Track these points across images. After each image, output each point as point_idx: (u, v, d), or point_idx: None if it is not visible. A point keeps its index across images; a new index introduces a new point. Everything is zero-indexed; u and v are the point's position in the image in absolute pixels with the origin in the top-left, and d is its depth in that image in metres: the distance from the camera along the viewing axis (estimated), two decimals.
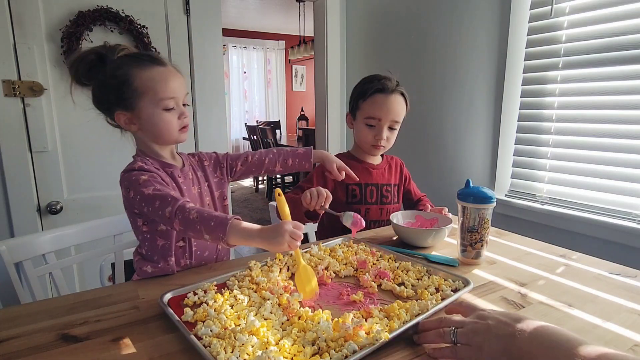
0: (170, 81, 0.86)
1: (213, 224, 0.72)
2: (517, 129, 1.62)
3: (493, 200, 0.90)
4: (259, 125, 5.25)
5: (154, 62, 0.86)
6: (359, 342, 0.57)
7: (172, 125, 0.87)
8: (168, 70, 0.87)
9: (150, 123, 0.86)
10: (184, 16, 1.71)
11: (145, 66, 0.84)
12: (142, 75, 0.83)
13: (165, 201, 0.77)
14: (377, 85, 1.20)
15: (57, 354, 0.59)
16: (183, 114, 0.89)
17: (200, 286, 0.76)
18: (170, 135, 0.89)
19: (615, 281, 0.84)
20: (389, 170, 1.34)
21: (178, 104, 0.88)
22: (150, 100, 0.84)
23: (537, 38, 1.51)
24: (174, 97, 0.86)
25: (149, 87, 0.84)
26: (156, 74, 0.85)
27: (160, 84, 0.84)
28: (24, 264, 0.93)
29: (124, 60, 0.85)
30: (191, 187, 0.95)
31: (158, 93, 0.84)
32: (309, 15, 4.75)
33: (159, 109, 0.85)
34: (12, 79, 1.40)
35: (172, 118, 0.87)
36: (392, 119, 1.21)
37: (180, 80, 0.88)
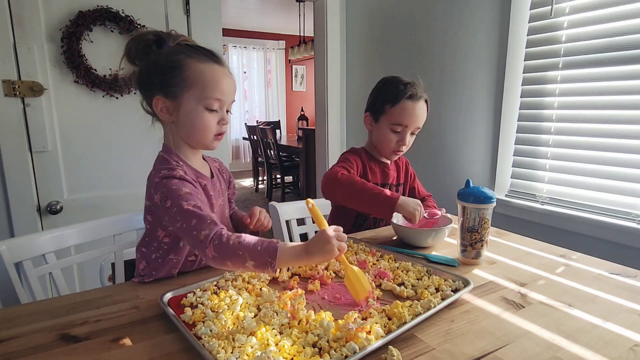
0: (223, 81, 0.81)
1: (260, 248, 0.67)
2: (517, 129, 1.62)
3: (493, 200, 0.90)
4: (259, 125, 5.24)
5: (213, 58, 0.82)
6: (360, 343, 0.57)
7: (210, 128, 0.83)
8: (223, 70, 0.82)
9: (188, 119, 0.81)
10: (184, 16, 1.71)
11: (202, 59, 0.80)
12: (197, 67, 0.79)
13: (203, 222, 0.71)
14: (408, 92, 1.19)
15: (57, 354, 0.59)
16: (223, 119, 0.84)
17: (200, 286, 0.76)
18: (204, 138, 0.84)
19: (615, 281, 0.84)
20: (397, 169, 1.35)
21: (222, 108, 0.83)
22: (195, 95, 0.79)
23: (537, 38, 1.51)
24: (220, 99, 0.81)
25: (199, 81, 0.79)
26: (211, 70, 0.80)
27: (211, 80, 0.80)
28: (24, 264, 0.93)
29: (183, 48, 0.82)
30: (219, 199, 0.91)
31: (206, 89, 0.79)
32: (309, 15, 4.74)
33: (201, 106, 0.80)
34: (12, 79, 1.40)
35: (212, 120, 0.82)
36: (416, 125, 1.22)
37: (232, 84, 0.84)
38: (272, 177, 4.92)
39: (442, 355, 0.58)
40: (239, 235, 0.69)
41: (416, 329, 0.64)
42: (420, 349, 0.60)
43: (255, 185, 5.58)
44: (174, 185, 0.76)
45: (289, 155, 4.87)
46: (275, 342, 0.58)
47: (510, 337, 0.63)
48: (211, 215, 0.73)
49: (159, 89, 0.80)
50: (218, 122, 0.83)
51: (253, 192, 5.49)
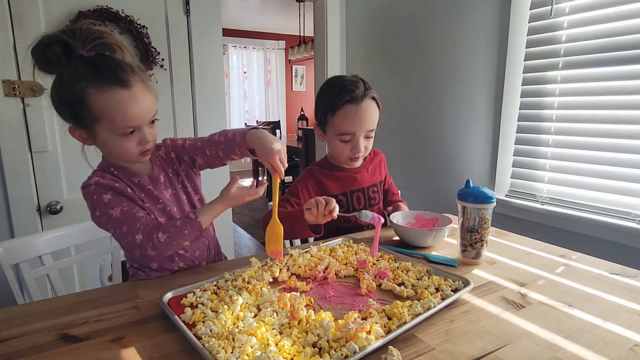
0: (131, 108, 0.75)
1: (187, 231, 0.79)
2: (517, 129, 1.62)
3: (493, 200, 0.90)
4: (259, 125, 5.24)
5: (117, 82, 0.74)
6: (360, 343, 0.57)
7: (130, 151, 0.80)
8: (130, 95, 0.75)
9: (107, 146, 0.80)
10: (184, 16, 1.71)
11: (105, 87, 0.73)
12: (100, 99, 0.73)
13: (133, 226, 0.78)
14: (345, 97, 1.07)
15: (57, 354, 0.59)
16: (144, 139, 0.80)
17: (200, 286, 0.76)
18: (129, 159, 0.83)
19: (615, 281, 0.84)
20: (372, 168, 1.27)
21: (140, 129, 0.79)
22: (106, 127, 0.76)
23: (537, 38, 1.51)
24: (132, 125, 0.77)
25: (105, 114, 0.74)
26: (115, 100, 0.74)
27: (118, 112, 0.75)
28: (21, 266, 0.93)
29: (83, 72, 0.73)
30: (163, 192, 0.90)
31: (115, 122, 0.75)
32: (309, 15, 4.74)
33: (115, 135, 0.77)
34: (12, 79, 1.40)
35: (130, 144, 0.79)
36: (367, 128, 1.11)
37: (144, 103, 0.78)
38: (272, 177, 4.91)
39: (442, 355, 0.58)
40: (165, 227, 0.79)
41: (416, 329, 0.64)
42: (420, 349, 0.60)
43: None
44: (94, 193, 0.80)
45: (288, 155, 4.87)
46: (275, 342, 0.58)
47: (510, 337, 0.63)
48: (138, 215, 0.79)
49: (70, 119, 0.78)
50: (138, 143, 0.80)
51: None
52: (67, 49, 0.75)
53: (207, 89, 1.81)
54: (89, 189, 0.81)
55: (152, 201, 0.87)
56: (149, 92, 0.80)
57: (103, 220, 0.80)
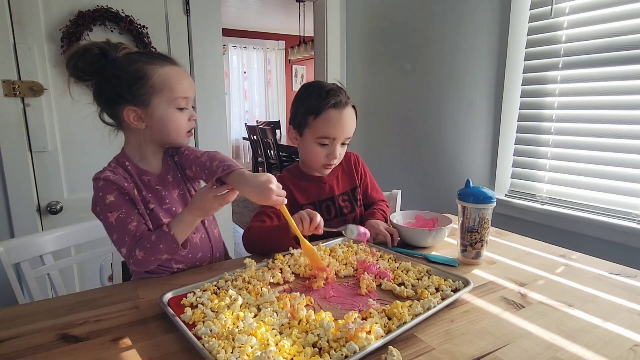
0: (184, 80, 0.86)
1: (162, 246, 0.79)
2: (517, 129, 1.62)
3: (493, 200, 0.90)
4: (259, 125, 5.25)
5: (168, 60, 0.86)
6: (360, 343, 0.57)
7: (182, 126, 0.88)
8: (181, 70, 0.87)
9: (161, 122, 0.85)
10: (184, 16, 1.71)
11: (160, 63, 0.84)
12: (158, 72, 0.83)
13: (122, 238, 0.80)
14: (331, 101, 1.06)
15: (57, 354, 0.59)
16: (192, 115, 0.90)
17: (200, 286, 0.76)
18: (178, 137, 0.89)
19: (615, 281, 0.84)
20: (342, 176, 1.23)
21: (188, 105, 0.88)
22: (165, 98, 0.84)
23: (537, 38, 1.51)
24: (187, 97, 0.86)
25: (165, 85, 0.83)
26: (172, 72, 0.85)
27: (176, 82, 0.84)
28: (22, 265, 0.93)
29: (137, 56, 0.84)
30: (172, 191, 0.92)
31: (173, 91, 0.84)
32: (309, 15, 4.74)
33: (172, 107, 0.85)
34: (12, 79, 1.40)
35: (183, 119, 0.87)
36: (345, 136, 1.10)
37: (191, 81, 0.89)
38: None
39: (442, 355, 0.58)
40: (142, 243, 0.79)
41: (416, 329, 0.64)
42: (420, 349, 0.60)
43: None
44: (101, 189, 0.82)
45: (289, 155, 4.87)
46: (275, 342, 0.58)
47: (510, 337, 0.63)
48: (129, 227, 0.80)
49: (129, 100, 0.82)
50: (188, 119, 0.89)
51: None
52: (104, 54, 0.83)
53: (207, 89, 1.81)
54: (97, 182, 0.82)
55: (158, 201, 0.88)
56: (190, 77, 0.91)
57: (101, 218, 0.83)
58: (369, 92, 2.27)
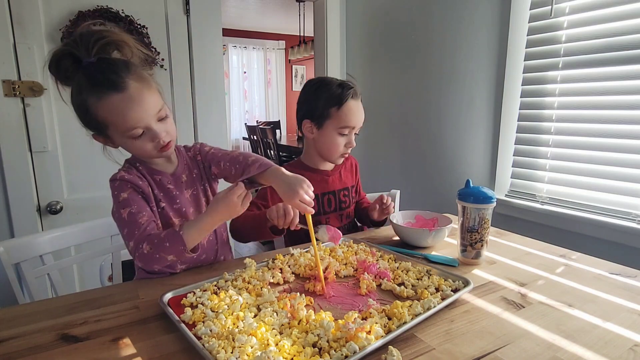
0: (129, 111, 0.75)
1: (168, 244, 0.76)
2: (517, 129, 1.62)
3: (493, 200, 0.90)
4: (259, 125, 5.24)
5: (110, 86, 0.74)
6: (360, 343, 0.57)
7: (146, 150, 0.81)
8: (125, 97, 0.75)
9: (126, 148, 0.83)
10: (184, 16, 1.71)
11: (102, 94, 0.74)
12: (101, 107, 0.75)
13: (131, 233, 0.79)
14: (351, 92, 1.13)
15: (57, 354, 0.59)
16: (156, 136, 0.79)
17: (200, 286, 0.76)
18: (149, 156, 0.84)
19: (615, 281, 0.84)
20: (344, 173, 1.29)
21: (149, 127, 0.78)
22: (115, 131, 0.78)
23: (537, 38, 1.51)
24: (136, 127, 0.77)
25: (109, 120, 0.77)
26: (113, 105, 0.75)
27: (118, 117, 0.76)
28: (22, 265, 0.93)
29: (83, 82, 0.75)
30: (184, 191, 0.92)
31: (118, 126, 0.77)
32: (309, 15, 4.74)
33: (126, 138, 0.79)
34: (12, 79, 1.40)
35: (144, 144, 0.80)
36: (360, 125, 1.18)
37: (143, 102, 0.77)
38: None
39: (442, 355, 0.58)
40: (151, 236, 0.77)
41: (416, 329, 0.64)
42: (420, 349, 0.60)
43: None
44: (116, 189, 0.82)
45: (289, 155, 4.87)
46: (275, 342, 0.58)
47: (510, 337, 0.63)
48: (139, 222, 0.79)
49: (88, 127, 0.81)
50: (152, 140, 0.80)
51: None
52: (76, 60, 0.76)
53: (207, 89, 1.81)
54: (114, 183, 0.83)
55: (169, 200, 0.88)
56: (148, 89, 0.79)
57: (116, 217, 0.82)
58: (369, 92, 2.27)
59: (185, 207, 0.91)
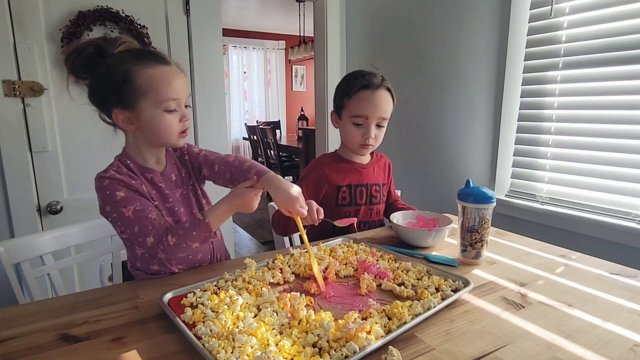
0: (174, 81, 0.82)
1: (195, 232, 0.78)
2: (517, 129, 1.62)
3: (493, 200, 0.90)
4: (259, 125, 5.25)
5: (158, 59, 0.81)
6: (360, 343, 0.57)
7: (173, 128, 0.84)
8: (172, 70, 0.82)
9: (151, 124, 0.82)
10: (184, 16, 1.71)
11: (148, 64, 0.80)
12: (145, 74, 0.79)
13: (145, 228, 0.78)
14: (362, 82, 1.15)
15: (57, 354, 0.59)
16: (185, 116, 0.85)
17: (200, 286, 0.76)
18: (169, 139, 0.85)
19: (615, 281, 0.84)
20: (377, 169, 1.30)
21: (180, 106, 0.84)
22: (152, 101, 0.80)
23: (537, 38, 1.51)
24: (176, 98, 0.82)
25: (151, 86, 0.79)
26: (160, 72, 0.80)
27: (163, 83, 0.80)
28: (22, 265, 0.93)
29: (126, 56, 0.80)
30: (175, 190, 0.92)
31: (160, 93, 0.80)
32: (309, 15, 4.74)
33: (160, 110, 0.81)
34: (12, 79, 1.40)
35: (174, 120, 0.83)
36: (379, 116, 1.16)
37: (183, 80, 0.84)
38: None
39: (442, 355, 0.58)
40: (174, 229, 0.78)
41: (416, 329, 0.64)
42: (420, 349, 0.60)
43: None
44: (107, 188, 0.80)
45: (289, 155, 4.87)
46: (275, 342, 0.58)
47: (510, 337, 0.63)
48: (150, 217, 0.79)
49: (115, 102, 0.81)
50: (180, 119, 0.84)
51: None
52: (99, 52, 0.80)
53: (207, 89, 1.81)
54: (102, 182, 0.80)
55: (161, 199, 0.88)
56: (184, 73, 0.86)
57: (114, 217, 0.80)
58: None
59: (177, 206, 0.90)
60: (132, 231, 0.79)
